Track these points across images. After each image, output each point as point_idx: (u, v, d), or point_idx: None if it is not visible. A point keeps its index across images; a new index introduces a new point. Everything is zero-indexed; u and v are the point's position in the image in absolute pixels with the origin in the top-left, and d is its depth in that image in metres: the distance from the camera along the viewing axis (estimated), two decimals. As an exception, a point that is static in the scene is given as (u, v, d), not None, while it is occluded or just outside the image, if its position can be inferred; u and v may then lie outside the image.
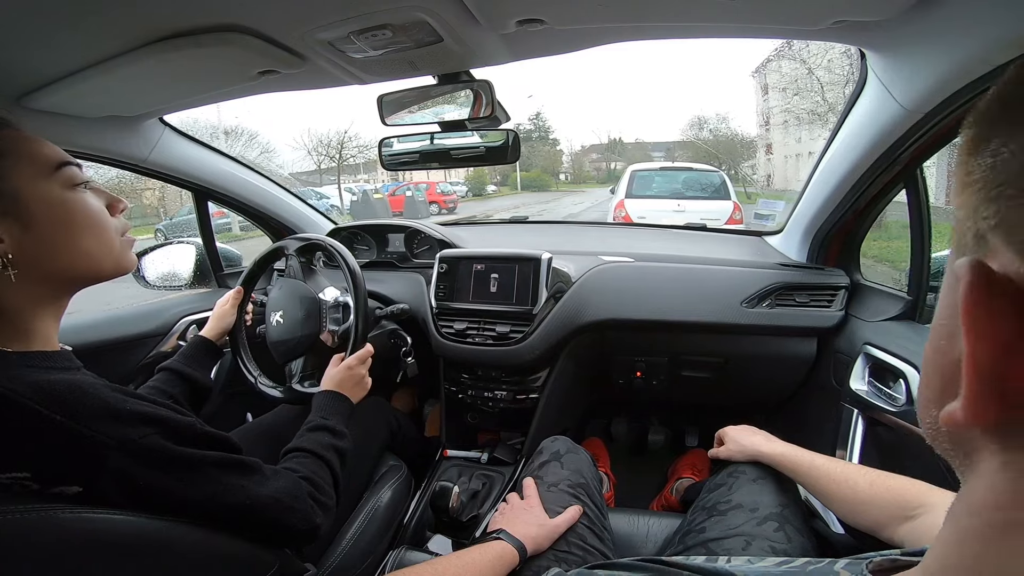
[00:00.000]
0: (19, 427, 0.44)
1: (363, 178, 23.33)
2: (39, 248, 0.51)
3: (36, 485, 0.45)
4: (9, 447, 0.45)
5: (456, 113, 0.89)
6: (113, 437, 0.47)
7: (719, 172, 6.94)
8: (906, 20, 0.65)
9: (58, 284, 0.54)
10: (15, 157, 0.51)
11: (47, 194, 0.52)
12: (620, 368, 1.34)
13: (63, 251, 0.53)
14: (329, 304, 1.08)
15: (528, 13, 0.66)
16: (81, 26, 0.64)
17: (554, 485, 0.85)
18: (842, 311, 1.15)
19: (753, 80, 20.66)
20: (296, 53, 0.75)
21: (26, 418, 0.44)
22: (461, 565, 0.63)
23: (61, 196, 0.53)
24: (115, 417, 0.48)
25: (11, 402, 0.44)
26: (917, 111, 0.78)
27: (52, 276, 0.53)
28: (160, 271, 1.44)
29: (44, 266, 0.51)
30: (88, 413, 0.47)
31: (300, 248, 1.11)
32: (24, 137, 0.53)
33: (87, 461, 0.46)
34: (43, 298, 0.53)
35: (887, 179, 0.99)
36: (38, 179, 0.51)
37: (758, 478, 0.81)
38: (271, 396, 1.06)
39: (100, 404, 0.48)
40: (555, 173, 30.18)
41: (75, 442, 0.46)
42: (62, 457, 0.46)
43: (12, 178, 0.50)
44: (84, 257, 0.55)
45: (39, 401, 0.45)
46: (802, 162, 17.36)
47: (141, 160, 1.14)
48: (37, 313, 0.53)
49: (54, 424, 0.45)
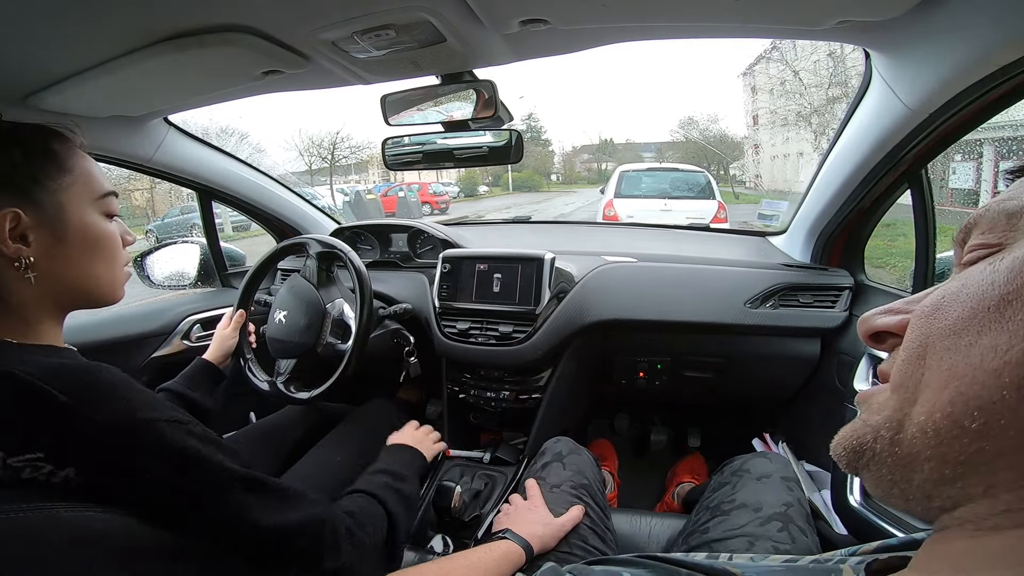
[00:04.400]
0: (29, 406, 0.45)
1: (354, 179, 23.31)
2: (61, 263, 0.53)
3: (49, 466, 0.45)
4: (23, 428, 0.45)
5: (459, 113, 0.89)
6: (109, 418, 0.47)
7: (704, 172, 7.10)
8: (910, 20, 0.65)
9: (62, 297, 0.55)
10: (74, 176, 0.54)
11: (86, 218, 0.54)
12: (622, 368, 1.33)
13: (78, 271, 0.55)
14: (333, 318, 1.08)
15: (531, 13, 0.66)
16: (87, 26, 0.65)
17: (556, 486, 0.84)
18: (846, 312, 1.14)
19: (741, 81, 20.76)
20: (300, 53, 0.75)
21: (35, 398, 0.45)
22: (466, 565, 0.63)
23: (96, 223, 0.55)
24: (128, 400, 0.48)
25: (26, 383, 0.45)
26: (922, 111, 0.78)
27: (61, 289, 0.54)
28: (165, 271, 1.44)
29: (58, 279, 0.53)
30: (95, 395, 0.47)
31: (321, 253, 1.11)
32: (88, 159, 0.56)
33: (83, 443, 0.46)
34: (49, 307, 0.54)
35: (891, 179, 0.98)
36: (84, 202, 0.54)
37: (762, 476, 0.80)
38: (255, 383, 1.08)
39: (108, 388, 0.48)
40: (546, 173, 30.08)
41: (75, 422, 0.46)
42: (64, 438, 0.46)
43: (63, 194, 0.52)
44: (93, 280, 0.56)
45: (50, 383, 0.45)
46: (789, 163, 17.39)
47: (146, 160, 1.15)
48: (45, 317, 0.54)
49: (61, 405, 0.45)
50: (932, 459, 0.24)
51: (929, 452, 0.24)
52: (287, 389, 1.06)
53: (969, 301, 0.24)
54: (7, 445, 0.45)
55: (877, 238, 1.21)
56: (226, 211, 3.44)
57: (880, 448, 0.26)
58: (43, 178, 0.52)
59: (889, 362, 0.28)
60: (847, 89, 11.80)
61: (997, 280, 0.23)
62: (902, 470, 0.25)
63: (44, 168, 0.52)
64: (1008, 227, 0.26)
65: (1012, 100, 0.72)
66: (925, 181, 0.97)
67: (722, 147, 21.43)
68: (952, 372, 0.23)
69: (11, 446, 0.45)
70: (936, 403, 0.24)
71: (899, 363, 0.27)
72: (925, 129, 0.82)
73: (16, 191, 0.50)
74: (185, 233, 8.04)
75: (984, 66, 0.65)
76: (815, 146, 13.34)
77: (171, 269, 1.47)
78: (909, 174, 0.96)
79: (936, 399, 0.24)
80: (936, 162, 0.94)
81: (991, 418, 0.22)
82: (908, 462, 0.24)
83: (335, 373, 1.02)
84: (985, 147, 2.85)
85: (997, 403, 0.22)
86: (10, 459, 0.44)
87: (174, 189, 10.22)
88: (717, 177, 10.51)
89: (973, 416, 0.22)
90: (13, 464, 0.45)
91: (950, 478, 0.23)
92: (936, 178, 1.03)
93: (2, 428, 0.45)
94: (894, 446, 0.25)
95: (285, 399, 1.06)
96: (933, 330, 0.25)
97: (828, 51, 11.97)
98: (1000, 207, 0.26)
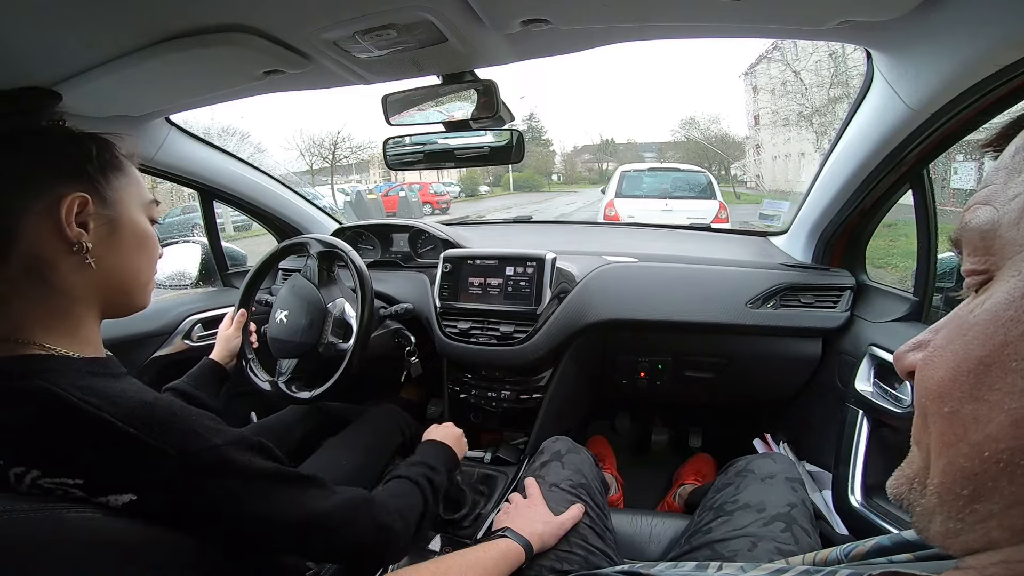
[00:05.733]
0: (85, 435, 0.45)
1: (355, 179, 23.27)
2: (114, 254, 0.55)
3: (81, 493, 0.46)
4: (70, 453, 0.46)
5: (460, 113, 0.89)
6: (176, 448, 0.48)
7: (705, 172, 7.09)
8: (912, 20, 0.65)
9: (108, 292, 0.56)
10: (129, 180, 0.58)
11: (138, 216, 0.58)
12: (623, 368, 1.33)
13: (127, 264, 0.57)
14: (335, 317, 1.08)
15: (533, 13, 0.66)
16: (88, 26, 0.65)
17: (555, 485, 0.84)
18: (847, 312, 1.14)
19: (742, 81, 20.74)
20: (301, 53, 0.75)
21: (94, 427, 0.45)
22: (465, 564, 0.63)
23: (144, 222, 0.59)
24: (183, 430, 0.49)
25: (82, 412, 0.45)
26: (923, 111, 0.78)
27: (110, 281, 0.55)
28: (166, 271, 1.45)
29: (108, 270, 0.55)
30: (157, 425, 0.48)
31: (322, 253, 1.11)
32: (136, 170, 0.60)
33: (149, 472, 0.47)
34: (96, 299, 0.55)
35: (893, 179, 0.98)
36: (136, 203, 0.58)
37: (767, 477, 0.80)
38: (256, 383, 1.09)
39: (168, 416, 0.49)
40: (547, 173, 29.95)
41: (140, 452, 0.46)
42: (124, 466, 0.47)
43: (123, 192, 0.56)
44: (137, 275, 0.59)
45: (111, 412, 0.46)
46: (790, 163, 17.38)
47: (147, 159, 1.15)
48: (90, 312, 0.55)
49: (125, 435, 0.46)
50: (940, 514, 0.25)
51: (937, 509, 0.25)
52: (289, 389, 1.06)
53: (953, 360, 0.24)
54: (44, 464, 0.45)
55: (879, 238, 1.21)
56: (227, 211, 3.44)
57: (912, 498, 0.28)
58: (109, 174, 0.55)
59: None
60: (848, 89, 11.79)
61: (975, 336, 0.23)
62: (923, 519, 0.27)
63: (111, 166, 0.56)
64: (986, 250, 0.25)
65: (1014, 100, 0.72)
66: (927, 181, 0.97)
67: (723, 147, 21.42)
68: (943, 440, 0.25)
69: (49, 466, 0.45)
70: (937, 467, 0.25)
71: (915, 418, 0.28)
72: (927, 129, 0.82)
73: (87, 180, 0.53)
74: (187, 233, 8.05)
75: (986, 66, 0.65)
76: (816, 146, 13.32)
77: (172, 269, 1.47)
78: (911, 174, 0.96)
79: (936, 464, 0.25)
80: (938, 162, 0.94)
81: (979, 486, 0.23)
82: (927, 513, 0.26)
83: (336, 373, 1.02)
84: (987, 147, 2.84)
85: (980, 475, 0.22)
86: (44, 479, 0.45)
87: (175, 189, 10.21)
88: (718, 177, 10.53)
89: (963, 484, 0.23)
90: (45, 484, 0.45)
91: (955, 531, 0.24)
92: (938, 178, 1.03)
93: (45, 448, 0.45)
94: (920, 497, 0.27)
95: (287, 399, 1.06)
96: (926, 392, 0.26)
97: (829, 51, 11.96)
98: (974, 224, 0.25)
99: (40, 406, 0.45)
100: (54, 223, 0.50)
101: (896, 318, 1.04)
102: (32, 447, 0.45)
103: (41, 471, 0.45)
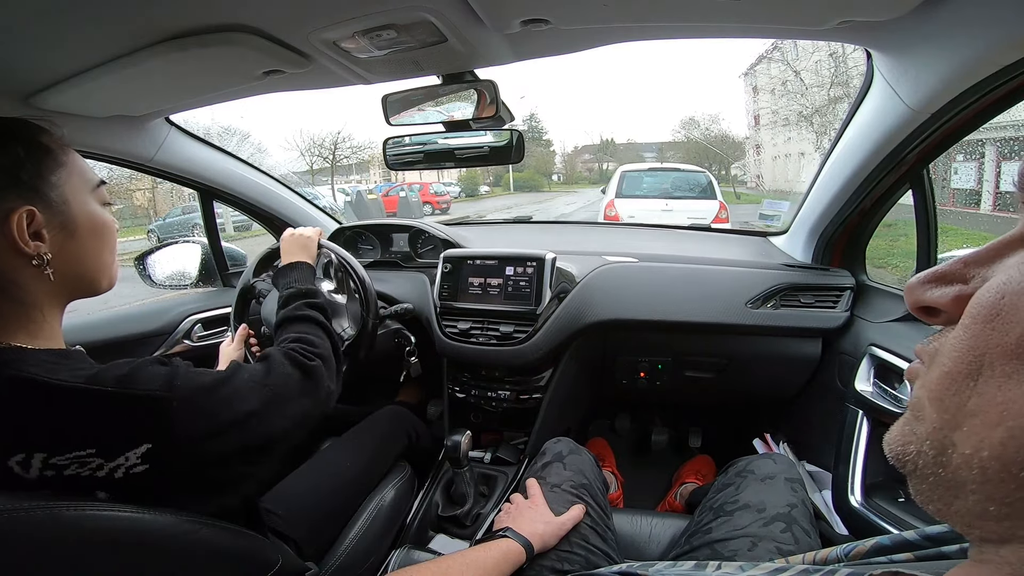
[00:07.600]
0: (67, 407, 0.46)
1: (355, 179, 23.33)
2: (74, 256, 0.54)
3: (99, 459, 0.46)
4: (62, 428, 0.46)
5: (460, 113, 0.89)
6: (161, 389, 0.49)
7: (706, 173, 7.09)
8: (912, 20, 0.65)
9: (73, 289, 0.56)
10: (68, 169, 0.54)
11: (89, 207, 0.56)
12: (623, 368, 1.33)
13: (90, 262, 0.56)
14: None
15: (532, 13, 0.66)
16: (88, 26, 0.65)
17: (557, 486, 0.84)
18: (847, 312, 1.14)
19: (743, 81, 20.76)
20: (301, 53, 0.75)
21: (74, 397, 0.46)
22: (465, 564, 0.63)
23: (98, 212, 0.57)
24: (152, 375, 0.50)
25: (59, 388, 0.46)
26: (923, 111, 0.78)
27: (73, 281, 0.55)
28: (166, 271, 1.45)
29: (71, 272, 0.54)
30: (127, 378, 0.49)
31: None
32: (73, 152, 0.56)
33: (152, 419, 0.48)
34: (59, 300, 0.55)
35: (893, 179, 0.98)
36: (83, 193, 0.55)
37: (767, 477, 0.80)
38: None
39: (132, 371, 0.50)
40: (548, 174, 30.03)
41: (132, 404, 0.48)
42: (123, 423, 0.47)
43: (65, 187, 0.53)
44: (103, 268, 0.58)
45: (83, 381, 0.47)
46: (790, 163, 17.40)
47: (147, 159, 1.15)
48: (53, 313, 0.55)
49: (106, 395, 0.47)
50: (977, 492, 0.21)
51: (974, 486, 0.21)
52: None
53: None
54: (45, 445, 0.45)
55: (878, 238, 1.21)
56: (227, 211, 3.44)
57: (923, 464, 0.23)
58: (46, 173, 0.52)
59: (932, 343, 0.24)
60: (848, 89, 11.81)
61: None
62: (943, 492, 0.22)
63: (45, 163, 0.52)
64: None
65: (1014, 100, 0.72)
66: (927, 181, 0.97)
67: (723, 147, 21.46)
68: (1008, 407, 0.19)
69: (52, 444, 0.45)
70: (985, 440, 0.20)
71: (942, 374, 0.22)
72: (927, 129, 0.82)
73: (25, 188, 0.50)
74: (187, 233, 8.04)
75: (986, 66, 0.65)
76: (817, 146, 13.35)
77: (172, 269, 1.47)
78: (911, 174, 0.96)
79: (985, 435, 0.20)
80: (938, 162, 0.94)
81: None
82: (951, 487, 0.22)
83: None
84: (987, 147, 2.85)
85: None
86: (53, 458, 0.45)
87: (175, 189, 10.22)
88: (718, 177, 10.52)
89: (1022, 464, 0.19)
90: (57, 463, 0.45)
91: (994, 515, 0.20)
92: (938, 178, 1.03)
93: (35, 430, 0.46)
94: (937, 467, 0.22)
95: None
96: (992, 345, 0.20)
97: (829, 51, 11.99)
98: None
99: (12, 391, 0.45)
100: (8, 242, 0.48)
101: (896, 318, 1.04)
102: (20, 432, 0.45)
103: (47, 452, 0.45)
